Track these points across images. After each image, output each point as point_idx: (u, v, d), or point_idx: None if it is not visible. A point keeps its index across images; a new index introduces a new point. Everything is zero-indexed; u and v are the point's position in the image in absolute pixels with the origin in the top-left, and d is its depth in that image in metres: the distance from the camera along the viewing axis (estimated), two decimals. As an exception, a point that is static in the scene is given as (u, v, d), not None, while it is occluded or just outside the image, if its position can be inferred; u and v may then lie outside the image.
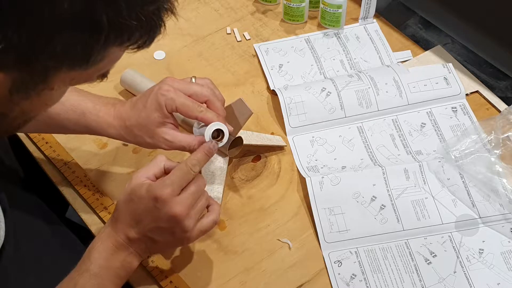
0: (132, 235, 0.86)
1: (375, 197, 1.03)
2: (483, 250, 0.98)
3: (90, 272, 0.85)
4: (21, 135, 1.13)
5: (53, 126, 0.99)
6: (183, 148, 0.94)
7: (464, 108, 1.15)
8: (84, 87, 1.15)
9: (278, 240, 1.00)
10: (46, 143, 1.11)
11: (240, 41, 1.28)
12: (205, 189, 1.03)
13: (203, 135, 0.93)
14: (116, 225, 0.86)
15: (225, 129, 0.93)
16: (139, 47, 0.70)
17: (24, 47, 0.63)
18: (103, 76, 0.74)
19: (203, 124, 0.94)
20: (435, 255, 0.98)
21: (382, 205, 1.02)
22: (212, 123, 0.92)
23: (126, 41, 0.67)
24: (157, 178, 0.87)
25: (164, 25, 0.70)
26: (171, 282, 0.95)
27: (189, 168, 0.86)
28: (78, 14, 0.62)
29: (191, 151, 0.93)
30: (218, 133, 0.93)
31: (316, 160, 1.09)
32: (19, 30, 0.62)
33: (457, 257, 0.98)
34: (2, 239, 0.92)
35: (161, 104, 0.92)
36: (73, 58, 0.66)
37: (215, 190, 1.03)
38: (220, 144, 0.93)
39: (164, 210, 0.84)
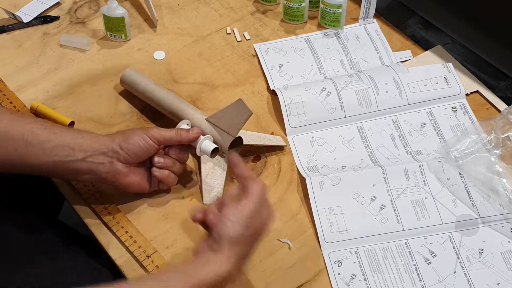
0: None
1: (375, 197, 1.03)
2: (483, 250, 0.98)
3: None
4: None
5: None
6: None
7: (464, 108, 1.15)
8: (83, 93, 1.15)
9: (278, 240, 1.00)
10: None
11: (240, 41, 1.28)
12: (205, 189, 1.04)
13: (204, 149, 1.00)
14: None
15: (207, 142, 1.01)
16: None
17: None
18: None
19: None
20: (435, 255, 0.98)
21: (382, 205, 1.02)
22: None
23: None
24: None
25: None
26: (171, 282, 0.95)
27: None
28: None
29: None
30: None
31: (316, 160, 1.09)
32: None
33: (457, 257, 0.98)
34: None
35: None
36: None
37: (215, 191, 1.03)
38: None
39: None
